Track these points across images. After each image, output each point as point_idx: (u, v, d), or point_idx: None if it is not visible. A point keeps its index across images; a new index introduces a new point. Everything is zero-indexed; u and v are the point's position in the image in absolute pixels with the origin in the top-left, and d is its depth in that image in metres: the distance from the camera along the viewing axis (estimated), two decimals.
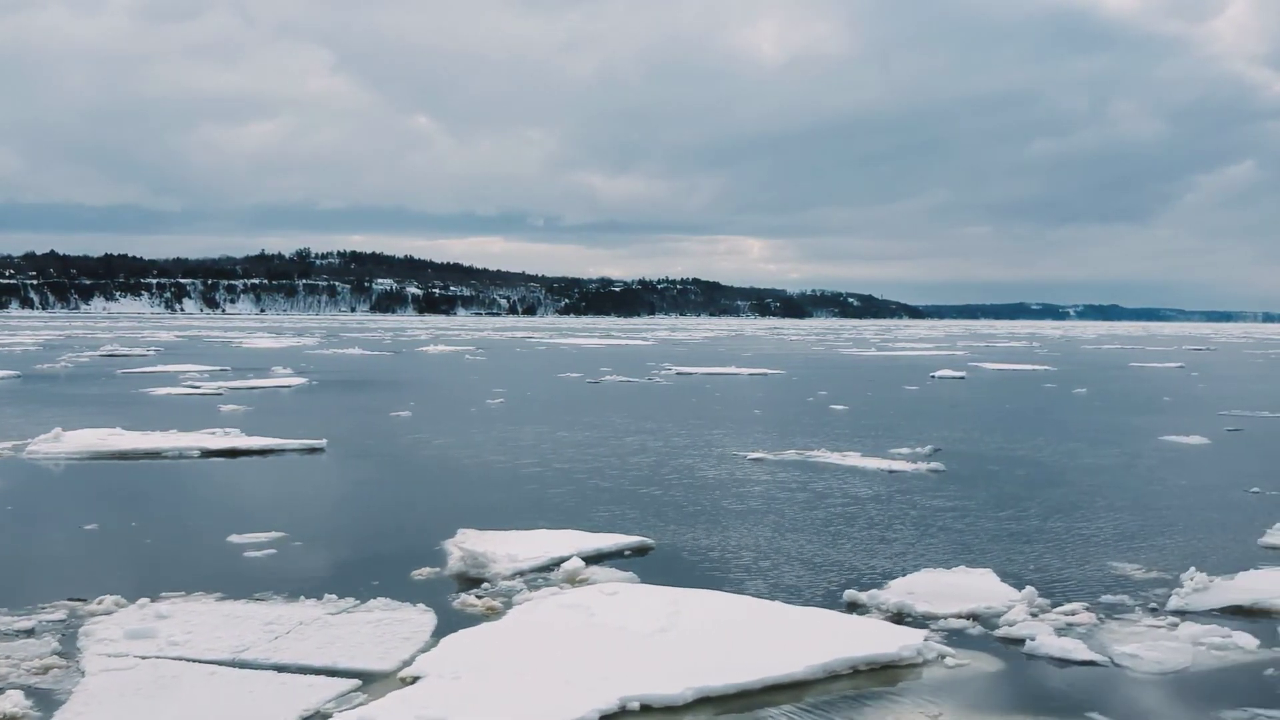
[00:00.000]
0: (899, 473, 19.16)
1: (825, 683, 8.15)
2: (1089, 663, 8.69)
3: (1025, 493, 17.19)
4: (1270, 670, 8.53)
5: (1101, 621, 9.75)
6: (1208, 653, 8.93)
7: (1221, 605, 10.38)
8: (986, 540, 13.41)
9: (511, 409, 30.86)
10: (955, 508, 15.63)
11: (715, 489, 17.10)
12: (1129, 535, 13.83)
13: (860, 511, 15.27)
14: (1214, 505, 16.16)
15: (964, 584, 10.83)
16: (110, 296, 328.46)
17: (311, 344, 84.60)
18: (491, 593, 10.43)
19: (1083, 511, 15.49)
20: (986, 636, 9.37)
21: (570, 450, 21.76)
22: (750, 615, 9.33)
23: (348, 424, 26.47)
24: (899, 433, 25.22)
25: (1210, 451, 22.73)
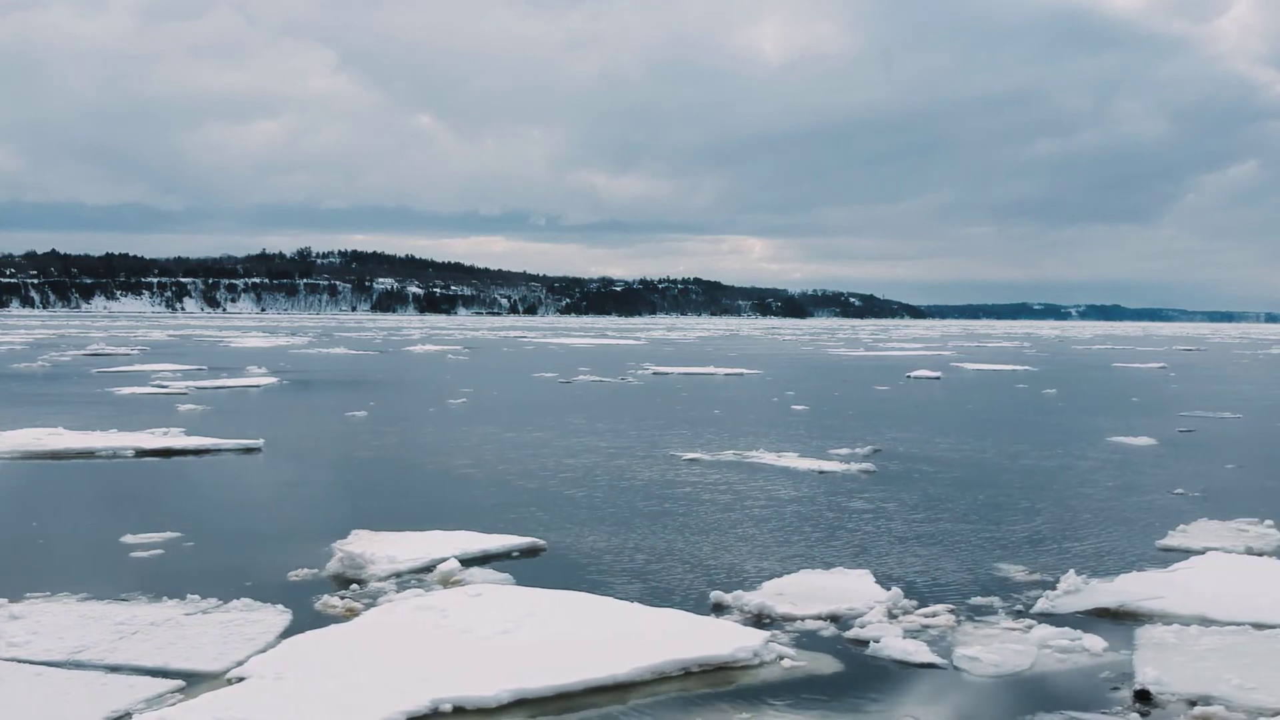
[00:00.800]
0: (829, 473, 19.15)
1: (653, 684, 8.15)
2: (927, 665, 8.68)
3: (948, 494, 17.17)
4: (1106, 673, 8.52)
5: (958, 624, 9.74)
6: (1050, 655, 8.91)
7: (1088, 608, 10.37)
8: (887, 541, 13.39)
9: (471, 410, 30.86)
10: (870, 509, 15.62)
11: (637, 491, 17.09)
12: (1033, 538, 13.81)
13: (772, 513, 15.27)
14: (1132, 508, 16.13)
15: (837, 585, 10.84)
16: (111, 296, 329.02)
17: (301, 343, 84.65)
18: (358, 594, 10.43)
19: (999, 513, 15.47)
20: (837, 638, 9.36)
21: (510, 451, 21.77)
22: (600, 617, 9.33)
23: (298, 424, 26.51)
24: (848, 433, 25.20)
25: (1151, 453, 22.69)
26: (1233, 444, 24.63)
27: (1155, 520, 14.89)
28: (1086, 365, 65.52)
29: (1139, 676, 8.28)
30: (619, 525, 14.21)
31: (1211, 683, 8.17)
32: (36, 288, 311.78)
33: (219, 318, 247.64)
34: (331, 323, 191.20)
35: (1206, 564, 11.95)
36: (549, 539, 13.07)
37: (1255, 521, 14.70)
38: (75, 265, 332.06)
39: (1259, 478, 19.35)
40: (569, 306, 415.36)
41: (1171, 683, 8.20)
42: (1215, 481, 18.76)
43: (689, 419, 28.92)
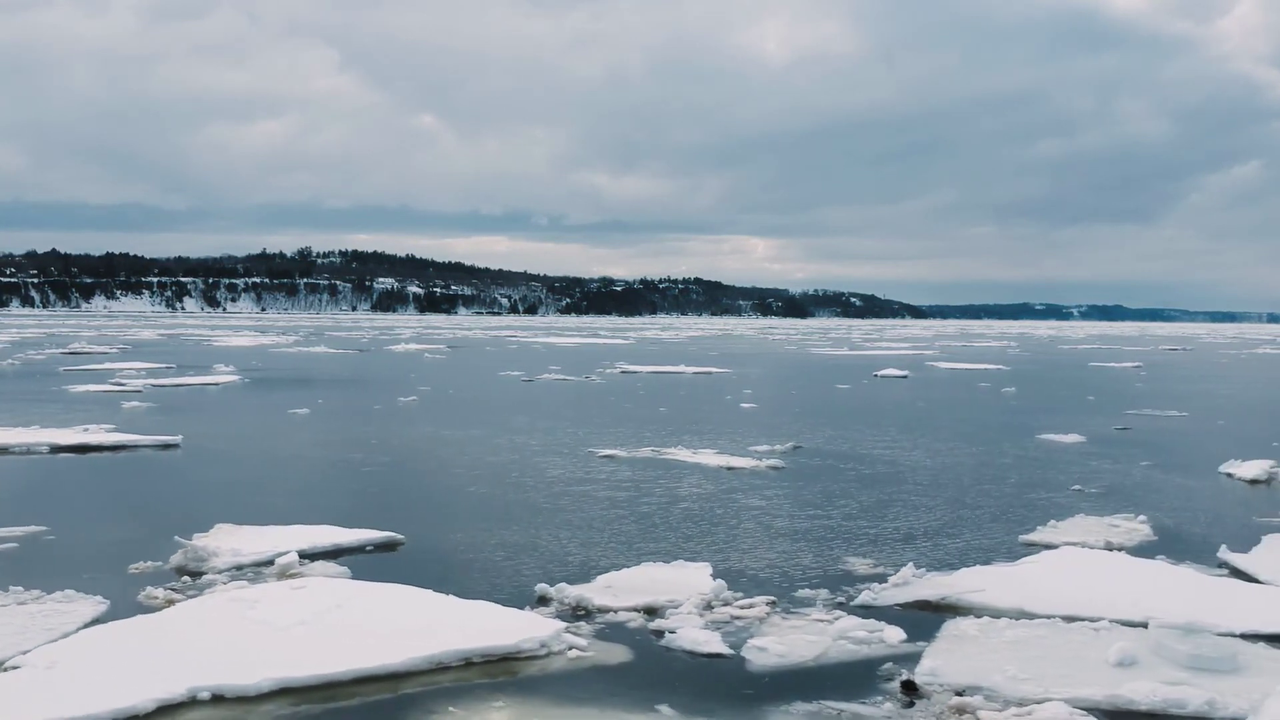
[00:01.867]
0: (736, 469, 19.22)
1: (429, 674, 8.22)
2: (713, 655, 8.76)
3: (846, 490, 17.23)
4: (888, 664, 8.57)
5: (768, 616, 9.80)
6: (842, 646, 8.98)
7: (910, 600, 10.43)
8: (755, 536, 13.45)
9: (418, 407, 30.95)
10: (756, 505, 15.68)
11: (532, 487, 17.16)
12: (904, 533, 13.87)
13: (653, 509, 15.32)
14: (1019, 504, 16.17)
15: (671, 578, 10.91)
16: (111, 295, 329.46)
17: (286, 342, 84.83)
18: (188, 587, 10.51)
19: (884, 509, 15.52)
20: (640, 629, 9.43)
21: (428, 448, 21.87)
22: (405, 609, 9.41)
23: (232, 421, 26.60)
24: (781, 430, 25.25)
25: (1074, 450, 22.72)
26: (1160, 441, 24.63)
27: (1034, 516, 14.93)
28: (1062, 365, 65.48)
29: (919, 668, 8.35)
30: (491, 521, 14.27)
31: (986, 674, 8.22)
32: (36, 287, 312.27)
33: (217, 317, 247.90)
34: (328, 322, 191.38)
35: (1053, 559, 12.01)
36: (412, 534, 13.13)
37: (1130, 517, 14.75)
38: (75, 265, 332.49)
39: (1165, 474, 19.35)
40: (569, 306, 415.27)
41: (947, 674, 8.26)
42: (1120, 478, 18.81)
43: (631, 417, 28.99)
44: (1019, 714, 7.46)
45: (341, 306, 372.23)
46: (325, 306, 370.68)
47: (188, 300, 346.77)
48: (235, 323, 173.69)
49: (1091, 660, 8.61)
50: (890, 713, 7.61)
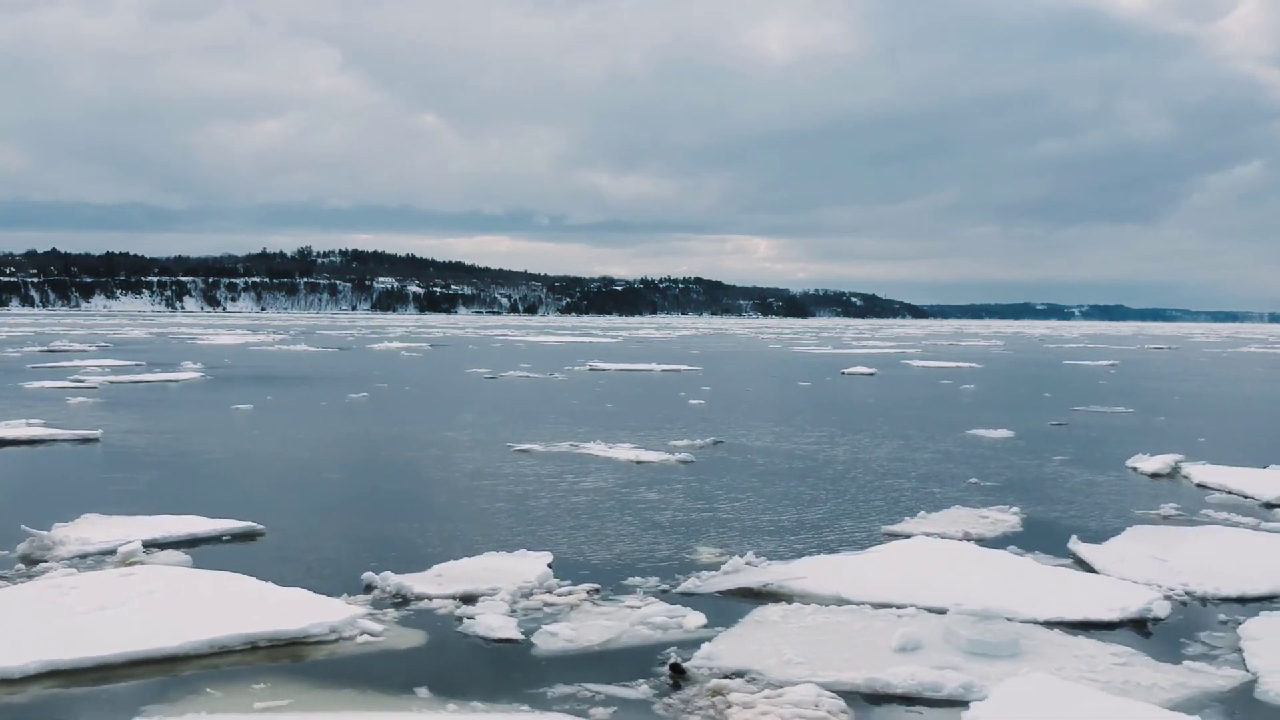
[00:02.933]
0: (645, 463, 19.34)
1: (211, 657, 8.33)
2: (503, 640, 8.87)
3: (744, 483, 17.34)
4: (673, 648, 8.65)
5: (579, 604, 9.90)
6: (636, 631, 9.08)
7: (730, 587, 10.54)
8: (625, 527, 13.53)
9: (364, 405, 31.10)
10: (646, 498, 15.77)
11: (426, 480, 17.33)
12: (775, 525, 13.96)
13: (537, 501, 15.44)
14: (908, 495, 16.25)
15: (504, 567, 11.01)
16: (111, 295, 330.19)
17: (271, 340, 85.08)
18: (18, 575, 10.62)
19: (773, 501, 15.64)
20: (446, 616, 9.52)
21: (346, 442, 22.04)
22: (204, 593, 9.54)
23: (165, 417, 26.72)
24: (713, 426, 25.39)
25: (996, 445, 22.81)
26: (1088, 436, 24.68)
27: (912, 507, 15.00)
28: (1037, 363, 65.50)
29: (699, 652, 8.44)
30: (363, 512, 14.42)
31: (762, 658, 8.32)
32: (36, 286, 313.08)
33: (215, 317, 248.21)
34: (324, 322, 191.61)
35: (897, 548, 12.10)
36: (277, 525, 13.24)
37: (1005, 509, 14.86)
38: (75, 264, 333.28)
39: (1072, 469, 19.41)
40: (570, 306, 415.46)
41: (724, 657, 8.35)
42: (1023, 472, 18.90)
43: (573, 413, 29.11)
44: (769, 696, 7.55)
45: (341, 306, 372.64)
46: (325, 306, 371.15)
47: (188, 300, 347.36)
48: (230, 322, 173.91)
49: (877, 645, 8.70)
50: (646, 694, 7.70)
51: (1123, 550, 12.12)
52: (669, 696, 7.65)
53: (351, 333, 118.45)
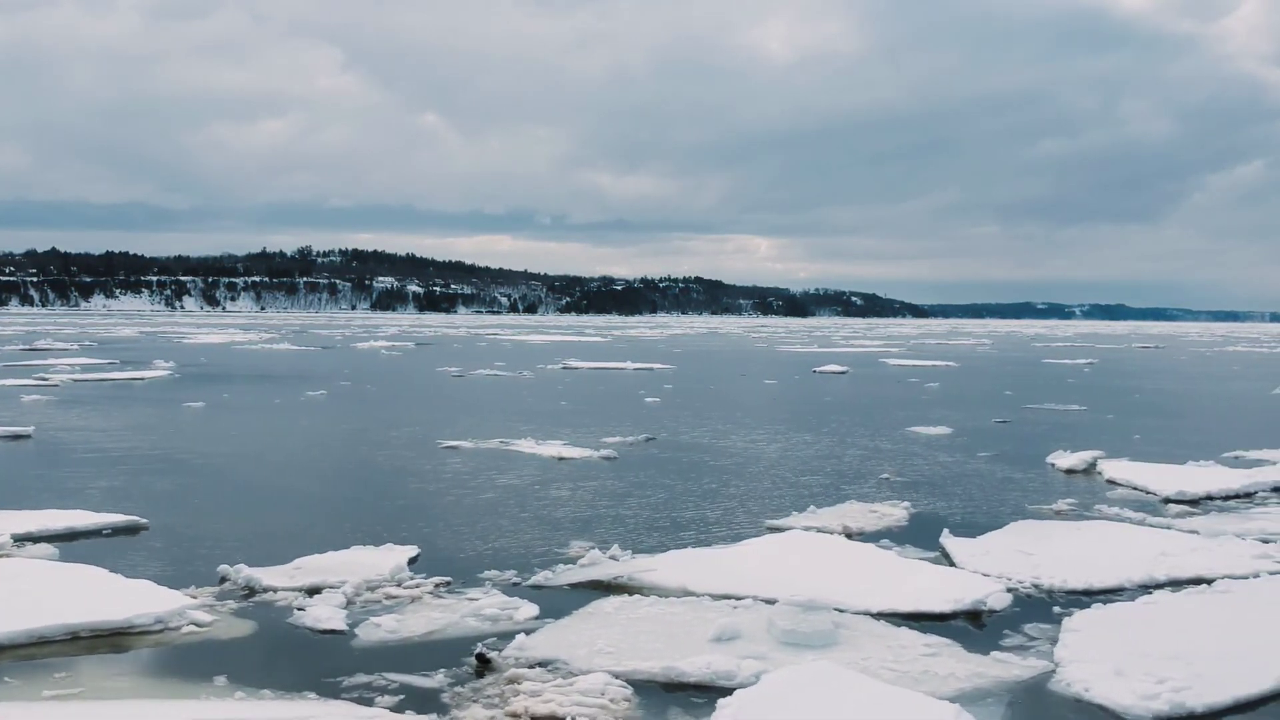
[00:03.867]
0: (567, 459, 19.45)
1: (28, 647, 8.41)
2: (327, 631, 8.96)
3: (657, 479, 17.40)
4: (491, 639, 8.73)
5: (421, 596, 9.99)
6: (462, 623, 9.17)
7: (580, 580, 10.64)
8: (514, 521, 13.64)
9: (317, 402, 31.22)
10: (552, 495, 15.87)
11: (334, 477, 17.48)
12: (661, 520, 14.03)
13: (438, 499, 15.57)
14: (810, 490, 16.30)
15: (362, 561, 11.10)
16: (111, 294, 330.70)
17: (256, 339, 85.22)
18: None
19: (679, 498, 15.70)
20: (283, 609, 9.61)
21: (273, 439, 22.15)
22: (53, 586, 9.62)
23: (111, 414, 26.82)
24: (656, 422, 25.51)
25: (927, 442, 22.86)
26: (1024, 433, 24.72)
27: (806, 502, 15.04)
28: (1015, 362, 65.52)
29: (513, 642, 8.52)
30: (254, 507, 14.55)
31: (573, 648, 8.41)
32: (36, 286, 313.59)
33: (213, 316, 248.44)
34: (321, 321, 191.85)
35: (764, 542, 12.20)
36: (161, 519, 13.32)
37: (898, 504, 14.94)
38: (75, 264, 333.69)
39: (991, 465, 19.47)
40: (570, 305, 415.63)
41: (536, 648, 8.44)
42: (940, 469, 18.99)
43: (521, 410, 29.22)
44: (559, 685, 7.63)
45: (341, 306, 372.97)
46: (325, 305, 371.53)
47: (187, 300, 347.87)
48: (225, 321, 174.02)
49: (696, 636, 8.78)
50: (440, 684, 7.78)
51: (991, 544, 12.20)
52: (461, 686, 7.74)
53: (343, 332, 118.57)
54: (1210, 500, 15.73)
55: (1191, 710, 7.36)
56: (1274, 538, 12.83)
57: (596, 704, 7.30)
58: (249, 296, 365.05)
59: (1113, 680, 7.72)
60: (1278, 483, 17.05)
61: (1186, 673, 7.83)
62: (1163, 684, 7.59)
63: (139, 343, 78.17)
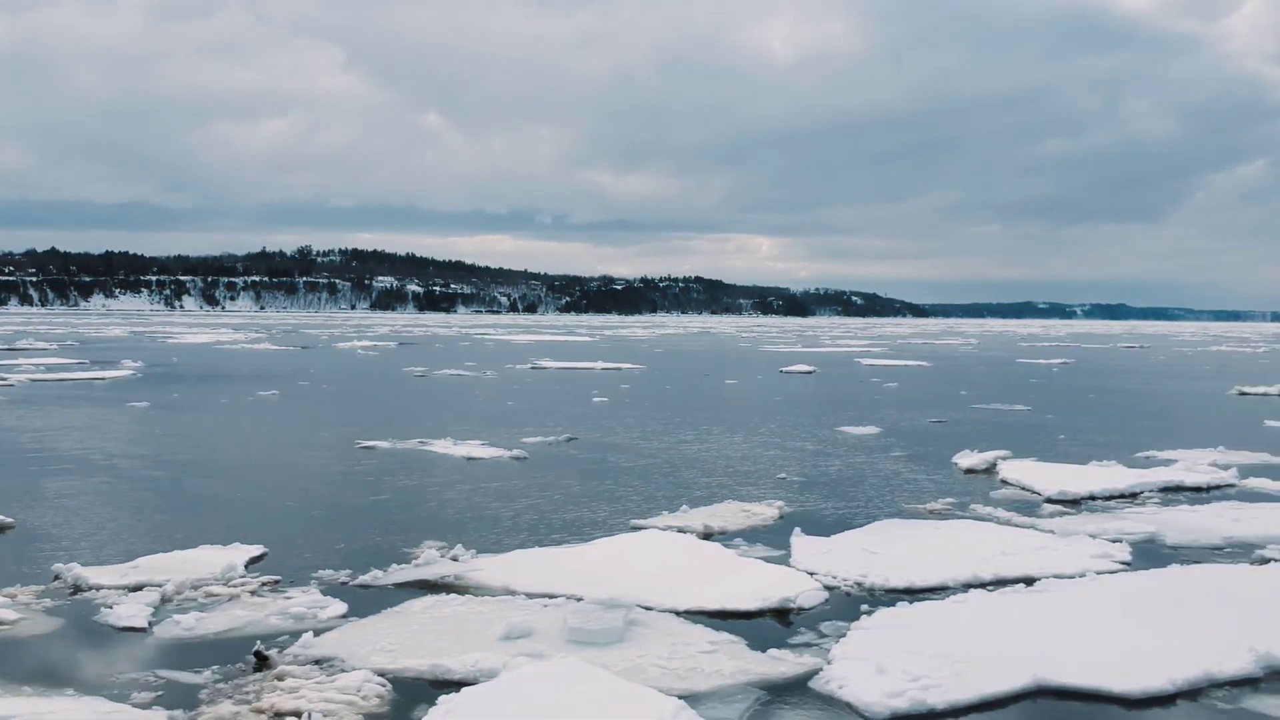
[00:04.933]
0: (477, 459, 19.60)
1: None
2: (127, 628, 9.10)
3: (553, 480, 17.51)
4: (284, 637, 8.86)
5: (238, 594, 10.11)
6: (265, 621, 9.31)
7: (407, 579, 10.76)
8: (379, 520, 13.74)
9: (261, 402, 31.37)
10: (433, 495, 16.00)
11: (229, 476, 17.56)
12: (521, 520, 14.12)
13: (319, 498, 15.70)
14: (698, 489, 16.39)
15: (198, 559, 11.24)
16: (110, 294, 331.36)
17: (240, 339, 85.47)
18: None
19: (547, 495, 15.83)
20: (97, 606, 9.72)
21: (194, 439, 22.28)
22: None
23: (47, 413, 26.99)
24: (590, 422, 25.66)
25: (849, 441, 22.95)
26: (953, 434, 24.74)
27: (685, 500, 15.17)
28: (990, 361, 65.57)
29: (300, 640, 8.64)
30: (128, 507, 14.65)
31: (356, 646, 8.53)
32: (35, 285, 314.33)
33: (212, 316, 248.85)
34: (317, 320, 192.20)
35: (611, 541, 12.31)
36: (30, 519, 13.46)
37: (774, 504, 15.03)
38: (74, 263, 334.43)
39: (898, 464, 19.55)
40: (569, 305, 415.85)
41: (322, 646, 8.56)
42: (843, 468, 19.10)
43: (461, 410, 29.42)
44: (320, 682, 7.75)
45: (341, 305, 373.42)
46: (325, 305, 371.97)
47: (186, 299, 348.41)
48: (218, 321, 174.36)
49: (487, 635, 8.89)
50: (205, 680, 7.90)
51: (839, 543, 12.30)
52: (225, 683, 7.85)
53: (334, 331, 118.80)
54: (1092, 500, 15.81)
55: (932, 708, 7.46)
56: (1125, 537, 12.94)
57: (344, 700, 7.42)
58: (249, 296, 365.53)
59: (870, 678, 7.83)
60: (1168, 483, 17.14)
61: (945, 671, 7.94)
62: (915, 682, 7.69)
63: (123, 342, 78.42)
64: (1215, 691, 7.94)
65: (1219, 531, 13.33)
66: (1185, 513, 14.71)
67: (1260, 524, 13.74)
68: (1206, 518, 14.23)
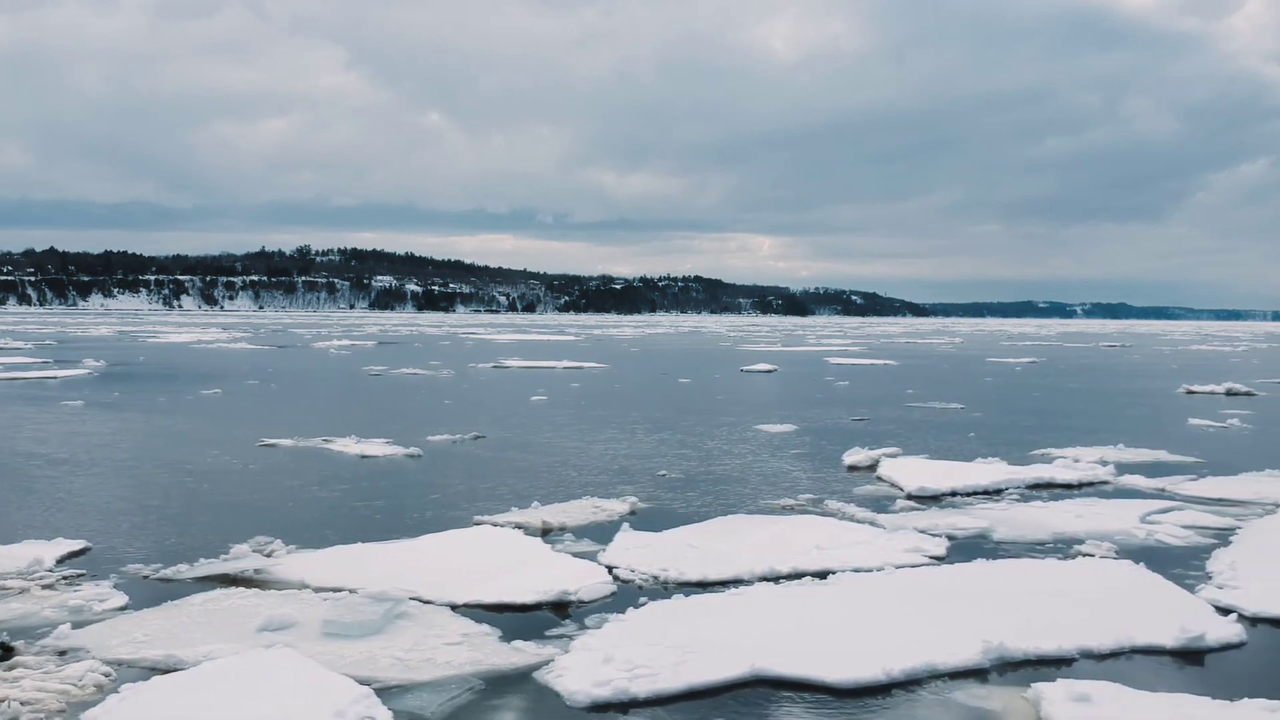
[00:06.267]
0: (370, 457, 19.77)
1: None
2: None
3: (438, 478, 17.69)
4: (48, 628, 9.02)
5: (28, 589, 10.27)
6: (39, 613, 9.48)
7: (210, 574, 10.91)
8: (223, 515, 13.91)
9: (197, 401, 31.56)
10: (309, 495, 16.15)
11: (106, 476, 17.69)
12: (386, 519, 14.29)
13: (181, 496, 15.84)
14: (564, 485, 16.53)
15: (16, 554, 11.38)
16: (109, 293, 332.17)
17: (221, 338, 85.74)
18: None
19: (434, 494, 15.98)
20: None
21: (102, 439, 22.46)
22: None
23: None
24: (510, 422, 25.85)
25: (758, 439, 23.07)
26: (867, 431, 24.84)
27: (543, 496, 15.31)
28: (960, 360, 65.61)
29: (55, 633, 8.80)
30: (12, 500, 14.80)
31: (108, 638, 8.70)
32: (34, 285, 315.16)
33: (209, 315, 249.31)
34: (313, 320, 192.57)
35: (437, 538, 12.47)
36: None
37: (627, 501, 15.13)
38: (73, 263, 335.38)
39: (787, 462, 19.66)
40: (569, 304, 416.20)
41: (72, 638, 8.74)
42: (732, 465, 19.21)
43: (388, 408, 29.62)
44: (47, 673, 7.90)
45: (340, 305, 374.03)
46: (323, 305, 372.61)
47: (185, 299, 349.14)
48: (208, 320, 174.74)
49: (247, 627, 9.05)
50: None
51: (662, 538, 12.42)
52: None
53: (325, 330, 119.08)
54: (951, 497, 15.95)
55: (634, 696, 7.61)
56: (955, 532, 13.10)
57: (57, 690, 7.58)
58: (248, 296, 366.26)
59: (591, 668, 7.98)
60: (1039, 479, 17.28)
61: (668, 661, 8.09)
62: (630, 671, 7.85)
63: (103, 342, 78.68)
64: (931, 682, 8.07)
65: (1052, 527, 13.46)
66: (1032, 509, 14.84)
67: (1098, 521, 13.87)
68: (1050, 514, 14.36)
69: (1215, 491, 16.46)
